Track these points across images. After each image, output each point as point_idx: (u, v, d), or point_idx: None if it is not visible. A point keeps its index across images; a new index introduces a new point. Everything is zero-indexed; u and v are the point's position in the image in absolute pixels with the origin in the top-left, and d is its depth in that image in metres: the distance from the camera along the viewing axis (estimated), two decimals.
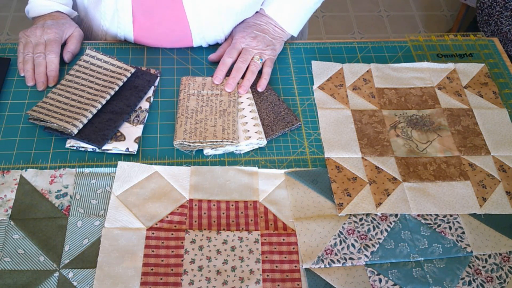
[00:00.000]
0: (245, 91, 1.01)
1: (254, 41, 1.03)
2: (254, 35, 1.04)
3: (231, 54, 1.03)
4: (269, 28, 1.07)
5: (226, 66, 1.02)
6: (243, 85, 1.01)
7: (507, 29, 1.99)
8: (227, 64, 1.02)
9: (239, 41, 1.04)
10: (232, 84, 1.00)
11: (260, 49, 1.04)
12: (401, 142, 0.97)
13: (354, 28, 2.70)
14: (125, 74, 1.00)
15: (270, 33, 1.06)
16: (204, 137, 0.92)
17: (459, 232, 0.85)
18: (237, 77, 1.01)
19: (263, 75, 1.03)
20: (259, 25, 1.07)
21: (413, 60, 1.12)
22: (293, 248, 0.82)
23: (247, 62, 1.02)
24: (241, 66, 1.02)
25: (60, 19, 1.04)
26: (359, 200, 0.88)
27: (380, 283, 0.79)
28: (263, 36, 1.05)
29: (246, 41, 1.03)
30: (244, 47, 1.04)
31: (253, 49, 1.03)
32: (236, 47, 1.03)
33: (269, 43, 1.05)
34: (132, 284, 0.77)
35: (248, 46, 1.03)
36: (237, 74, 1.01)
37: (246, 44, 1.03)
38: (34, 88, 1.01)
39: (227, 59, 1.02)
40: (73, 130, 0.89)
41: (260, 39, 1.04)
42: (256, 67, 1.02)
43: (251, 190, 0.89)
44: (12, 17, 2.61)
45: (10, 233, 0.81)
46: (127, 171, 0.88)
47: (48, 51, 1.00)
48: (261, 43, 1.04)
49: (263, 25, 1.07)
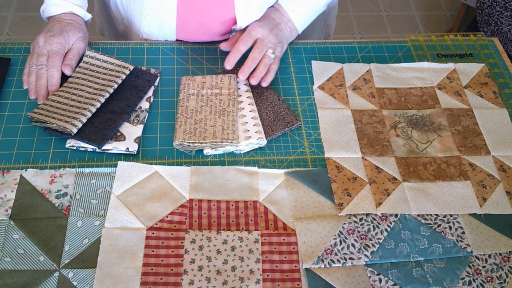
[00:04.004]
0: (257, 82, 1.00)
1: (270, 34, 1.02)
2: (271, 28, 1.03)
3: (246, 42, 1.01)
4: (282, 24, 1.06)
5: (239, 53, 1.01)
6: (256, 76, 1.00)
7: (507, 29, 1.99)
8: (241, 51, 1.01)
9: (256, 30, 1.02)
10: (246, 72, 0.99)
11: (273, 43, 1.03)
12: (401, 142, 0.97)
13: (354, 28, 2.70)
14: (123, 71, 1.00)
15: (282, 30, 1.06)
16: (204, 138, 0.92)
17: (459, 232, 0.85)
18: (252, 67, 1.00)
19: (270, 71, 1.03)
20: (274, 19, 1.06)
21: (413, 60, 1.12)
22: (293, 248, 0.82)
23: (262, 54, 1.01)
24: (257, 56, 1.00)
25: (67, 24, 1.03)
26: (359, 200, 0.88)
27: (380, 283, 0.79)
28: (277, 31, 1.04)
29: (263, 31, 1.02)
30: (259, 37, 1.02)
31: (268, 42, 1.02)
32: (252, 35, 1.02)
33: (280, 39, 1.05)
34: (132, 284, 0.77)
35: (263, 37, 1.02)
36: (252, 63, 1.00)
37: (261, 34, 1.02)
38: None
39: (242, 46, 1.01)
40: (73, 129, 0.89)
41: (274, 33, 1.03)
42: (269, 61, 1.02)
43: (251, 190, 0.89)
44: (12, 17, 2.61)
45: (10, 233, 0.81)
46: (127, 171, 0.88)
47: (50, 65, 0.98)
48: (275, 37, 1.03)
49: (276, 19, 1.06)
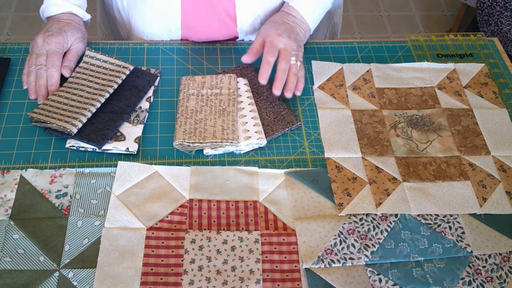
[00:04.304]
0: (291, 94, 1.00)
1: (290, 41, 1.02)
2: (289, 34, 1.03)
3: (273, 54, 1.00)
4: (297, 28, 1.06)
5: (270, 65, 1.00)
6: (290, 88, 1.00)
7: (507, 29, 1.99)
8: (271, 63, 1.00)
9: (277, 40, 1.01)
10: (280, 87, 0.99)
11: (295, 50, 1.03)
12: (401, 142, 0.97)
13: (354, 28, 2.70)
14: (124, 72, 1.00)
15: (298, 34, 1.05)
16: (204, 138, 0.92)
17: (459, 232, 0.85)
18: (284, 79, 0.99)
19: (300, 78, 1.02)
20: (288, 24, 1.05)
21: (413, 60, 1.12)
22: (293, 248, 0.82)
23: (289, 63, 1.01)
24: (286, 67, 1.00)
25: (65, 24, 1.03)
26: (359, 200, 0.88)
27: (380, 283, 0.79)
28: (295, 36, 1.04)
29: (284, 40, 1.01)
30: (282, 47, 1.02)
31: (291, 50, 1.02)
32: (275, 45, 1.01)
33: (299, 43, 1.04)
34: (132, 284, 0.77)
35: (286, 46, 1.02)
36: (283, 75, 0.99)
37: (284, 43, 1.01)
38: None
39: (270, 58, 1.00)
40: (73, 129, 0.89)
41: (293, 39, 1.03)
42: (296, 69, 1.01)
43: (251, 190, 0.89)
44: (12, 17, 2.61)
45: (10, 233, 0.81)
46: (127, 171, 0.88)
47: (49, 65, 0.98)
48: (295, 43, 1.03)
49: (291, 23, 1.06)
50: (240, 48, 1.12)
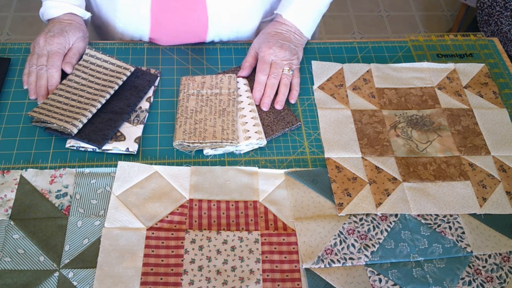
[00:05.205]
0: (282, 106, 1.00)
1: (281, 51, 1.02)
2: (280, 45, 1.03)
3: (264, 71, 1.02)
4: (290, 36, 1.06)
5: (262, 84, 1.01)
6: (279, 101, 1.00)
7: (507, 29, 1.99)
8: (263, 82, 1.02)
9: (268, 54, 1.02)
10: (268, 103, 1.00)
11: (288, 59, 1.03)
12: (401, 142, 0.97)
13: (354, 28, 2.70)
14: (124, 73, 1.00)
15: (292, 41, 1.06)
16: (204, 138, 0.92)
17: (459, 232, 0.85)
18: (272, 94, 1.01)
19: (294, 86, 1.03)
20: (281, 33, 1.06)
21: (413, 60, 1.12)
22: (293, 248, 0.82)
23: (279, 77, 1.02)
24: (275, 82, 1.01)
25: (67, 24, 1.03)
26: (359, 200, 0.88)
27: (380, 283, 0.79)
28: (288, 45, 1.04)
29: (274, 52, 1.02)
30: (273, 59, 1.03)
31: (282, 61, 1.02)
32: (266, 61, 1.02)
33: (294, 51, 1.04)
34: (132, 284, 0.77)
35: (277, 58, 1.02)
36: (271, 91, 1.01)
37: (275, 56, 1.02)
38: None
39: (262, 77, 1.02)
40: (73, 130, 0.89)
41: (286, 48, 1.03)
42: (288, 79, 1.02)
43: (251, 190, 0.89)
44: (12, 17, 2.61)
45: (10, 233, 0.81)
46: (127, 171, 0.88)
47: (50, 65, 0.98)
48: (287, 52, 1.03)
49: (284, 33, 1.06)
50: (240, 48, 1.12)
